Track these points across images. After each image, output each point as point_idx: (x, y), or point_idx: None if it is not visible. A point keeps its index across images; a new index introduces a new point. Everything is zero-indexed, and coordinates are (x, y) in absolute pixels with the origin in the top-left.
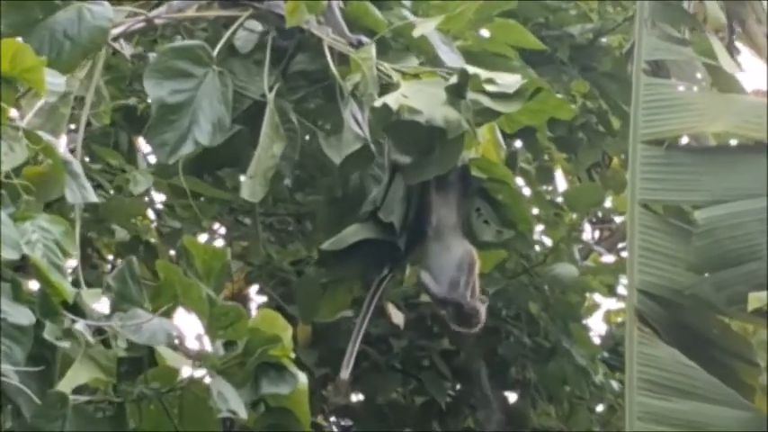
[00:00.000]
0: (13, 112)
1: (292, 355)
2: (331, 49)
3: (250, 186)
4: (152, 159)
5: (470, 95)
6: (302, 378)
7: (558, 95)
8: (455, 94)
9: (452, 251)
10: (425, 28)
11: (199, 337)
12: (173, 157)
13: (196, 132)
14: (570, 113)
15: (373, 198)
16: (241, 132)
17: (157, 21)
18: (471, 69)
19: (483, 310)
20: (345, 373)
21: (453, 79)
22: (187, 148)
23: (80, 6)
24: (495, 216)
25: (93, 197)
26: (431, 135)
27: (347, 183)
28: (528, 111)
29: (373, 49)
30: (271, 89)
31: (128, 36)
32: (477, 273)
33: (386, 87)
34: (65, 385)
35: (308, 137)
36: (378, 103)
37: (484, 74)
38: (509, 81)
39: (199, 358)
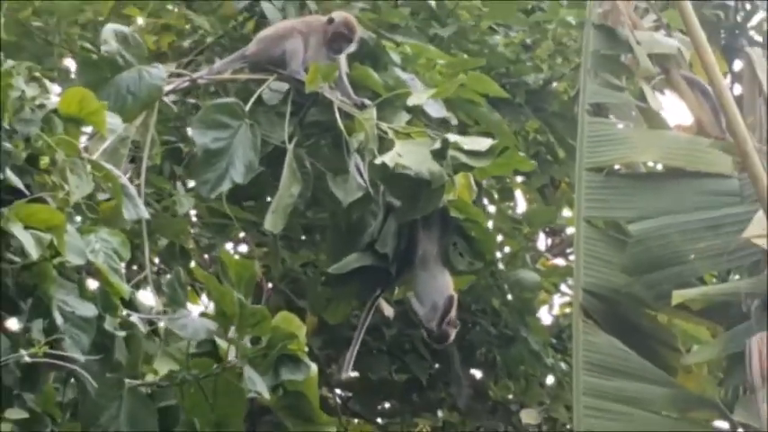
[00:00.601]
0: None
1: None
2: (339, 108)
3: (272, 219)
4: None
5: (451, 152)
6: (313, 367)
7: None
8: (438, 156)
9: (436, 279)
10: (418, 99)
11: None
12: (213, 192)
13: (232, 173)
14: (530, 167)
15: (371, 232)
16: (264, 173)
17: (200, 81)
18: (452, 138)
19: (453, 334)
20: (346, 374)
21: (437, 144)
22: (225, 186)
23: (140, 68)
24: (469, 248)
25: (146, 214)
26: (418, 185)
27: (350, 216)
28: (496, 165)
29: (374, 112)
30: (290, 139)
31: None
32: (455, 308)
33: (382, 140)
34: (150, 375)
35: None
36: (378, 160)
37: (462, 140)
38: (483, 143)
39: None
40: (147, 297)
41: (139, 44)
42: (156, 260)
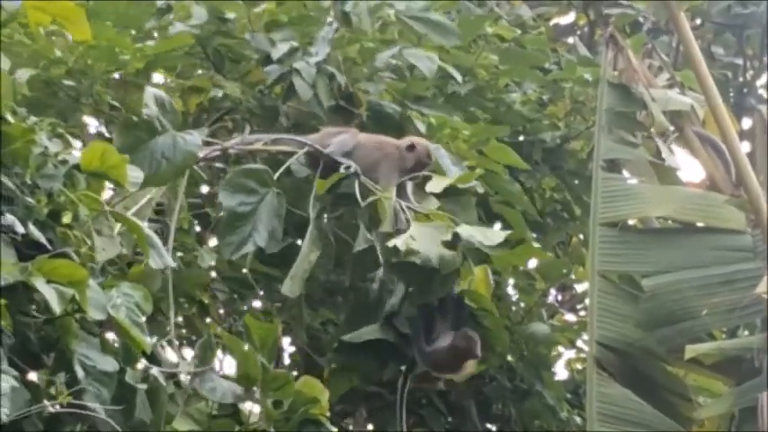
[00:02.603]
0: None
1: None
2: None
3: (290, 285)
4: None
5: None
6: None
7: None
8: (450, 246)
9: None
10: (437, 186)
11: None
12: (235, 254)
13: (256, 237)
14: (546, 257)
15: (391, 305)
16: (293, 244)
17: (231, 150)
18: (464, 231)
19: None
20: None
21: (448, 235)
22: (248, 249)
23: (174, 134)
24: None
25: (172, 262)
26: (427, 272)
27: (368, 293)
28: (514, 255)
29: (394, 191)
30: (314, 208)
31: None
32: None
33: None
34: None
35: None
36: (390, 243)
37: (477, 233)
38: (496, 237)
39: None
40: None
41: (175, 111)
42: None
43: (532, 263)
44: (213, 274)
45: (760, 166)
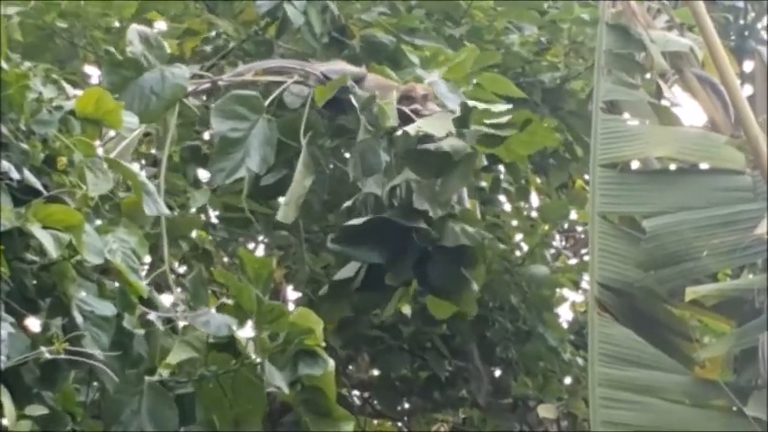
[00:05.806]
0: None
1: (323, 343)
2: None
3: (284, 210)
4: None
5: (473, 127)
6: (331, 362)
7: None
8: (460, 124)
9: None
10: (433, 77)
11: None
12: (228, 179)
13: (248, 162)
14: (555, 141)
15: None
16: (288, 174)
17: (221, 83)
18: (471, 102)
19: None
20: None
21: (458, 112)
22: (240, 173)
23: (162, 69)
24: None
25: (165, 210)
26: (441, 159)
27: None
28: (522, 142)
29: (394, 94)
30: (306, 136)
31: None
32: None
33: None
34: (170, 360)
35: (331, 167)
36: (399, 132)
37: (481, 105)
38: (501, 108)
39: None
40: (166, 298)
41: (161, 45)
42: (176, 265)
43: (534, 203)
44: (213, 216)
45: (760, 107)
